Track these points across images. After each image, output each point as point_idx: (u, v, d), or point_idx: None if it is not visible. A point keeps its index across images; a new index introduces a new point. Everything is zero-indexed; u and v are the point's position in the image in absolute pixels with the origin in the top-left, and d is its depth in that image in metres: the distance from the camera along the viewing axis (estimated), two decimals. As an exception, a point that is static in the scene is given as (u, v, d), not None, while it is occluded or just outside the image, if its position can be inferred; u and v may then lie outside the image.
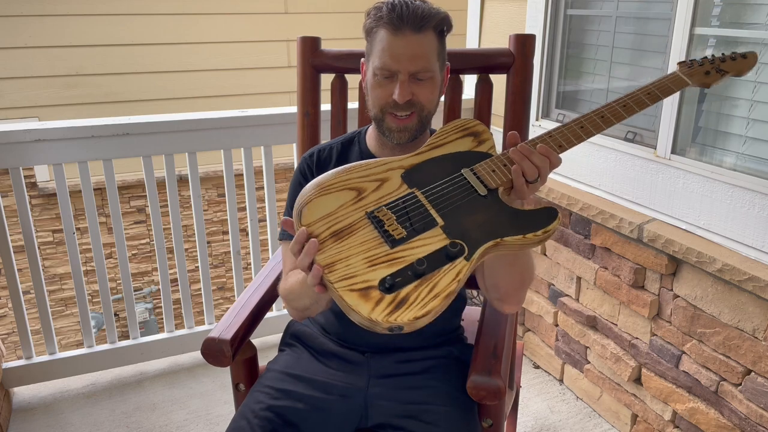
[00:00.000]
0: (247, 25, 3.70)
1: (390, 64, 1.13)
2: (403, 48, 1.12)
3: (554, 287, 2.23)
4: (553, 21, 2.18)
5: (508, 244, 0.98)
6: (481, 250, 0.96)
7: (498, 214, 1.00)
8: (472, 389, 1.11)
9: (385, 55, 1.13)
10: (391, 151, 1.27)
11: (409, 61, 1.13)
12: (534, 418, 2.09)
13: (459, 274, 0.92)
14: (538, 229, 0.98)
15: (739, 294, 1.58)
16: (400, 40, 1.12)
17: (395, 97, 1.14)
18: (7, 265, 2.05)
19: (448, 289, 0.91)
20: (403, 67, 1.13)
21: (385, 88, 1.16)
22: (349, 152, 1.32)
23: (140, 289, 3.95)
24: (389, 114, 1.18)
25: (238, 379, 1.35)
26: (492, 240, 0.97)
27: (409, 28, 1.12)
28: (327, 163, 1.31)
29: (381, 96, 1.17)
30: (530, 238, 0.98)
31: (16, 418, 2.08)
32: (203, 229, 2.28)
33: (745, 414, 1.61)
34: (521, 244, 0.98)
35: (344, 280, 0.92)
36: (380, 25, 1.14)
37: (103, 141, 2.02)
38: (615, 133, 2.00)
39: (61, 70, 3.40)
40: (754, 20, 1.60)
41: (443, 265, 0.93)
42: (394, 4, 1.13)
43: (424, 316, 0.89)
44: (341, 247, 0.96)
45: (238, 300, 1.41)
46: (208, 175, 3.66)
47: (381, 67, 1.14)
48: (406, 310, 0.89)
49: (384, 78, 1.15)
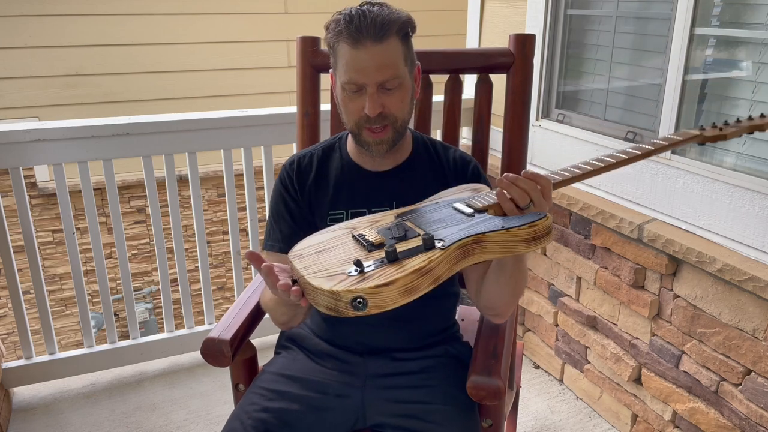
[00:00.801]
0: (247, 25, 3.70)
1: (356, 77, 1.11)
2: (367, 60, 1.09)
3: (554, 287, 2.22)
4: (553, 21, 2.18)
5: (491, 241, 0.94)
6: (459, 243, 0.92)
7: (483, 221, 0.98)
8: (472, 389, 1.11)
9: (350, 70, 1.11)
10: (371, 158, 1.26)
11: (375, 72, 1.10)
12: (534, 418, 2.09)
13: (432, 256, 0.89)
14: (523, 223, 0.94)
15: (739, 294, 1.58)
16: (363, 53, 1.09)
17: (366, 111, 1.13)
18: (7, 265, 2.05)
19: (417, 265, 0.87)
20: (369, 79, 1.10)
21: (355, 102, 1.14)
22: (329, 160, 1.30)
23: (140, 289, 3.94)
24: (365, 128, 1.17)
25: (238, 380, 1.35)
26: (472, 235, 0.93)
27: (369, 39, 1.08)
28: (307, 172, 1.29)
29: (353, 110, 1.16)
30: (513, 231, 0.93)
31: (16, 418, 2.08)
32: (203, 229, 2.28)
33: (745, 414, 1.61)
34: (505, 239, 0.94)
35: (316, 273, 0.91)
36: (340, 40, 1.11)
37: (103, 141, 2.02)
38: (615, 133, 2.00)
39: (61, 70, 3.39)
40: (754, 20, 1.60)
41: (418, 254, 0.91)
42: (351, 15, 1.10)
43: (387, 285, 0.84)
44: (321, 257, 0.96)
45: (237, 300, 1.41)
46: (208, 175, 3.66)
47: (347, 81, 1.12)
48: (369, 280, 0.85)
49: (352, 92, 1.13)
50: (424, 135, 1.36)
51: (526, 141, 1.56)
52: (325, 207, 1.26)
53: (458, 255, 0.92)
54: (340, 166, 1.29)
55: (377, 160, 1.26)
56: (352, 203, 1.25)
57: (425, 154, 1.30)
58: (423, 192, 1.19)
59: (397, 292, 0.85)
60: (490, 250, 0.95)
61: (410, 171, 1.27)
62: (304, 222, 1.27)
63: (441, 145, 1.34)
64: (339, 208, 1.26)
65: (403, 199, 1.22)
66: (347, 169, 1.28)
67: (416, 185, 1.25)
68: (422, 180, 1.27)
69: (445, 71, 1.59)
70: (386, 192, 1.25)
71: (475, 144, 1.60)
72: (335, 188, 1.27)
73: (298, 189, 1.28)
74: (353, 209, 1.25)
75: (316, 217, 1.27)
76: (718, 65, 1.72)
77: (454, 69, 1.59)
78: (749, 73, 1.64)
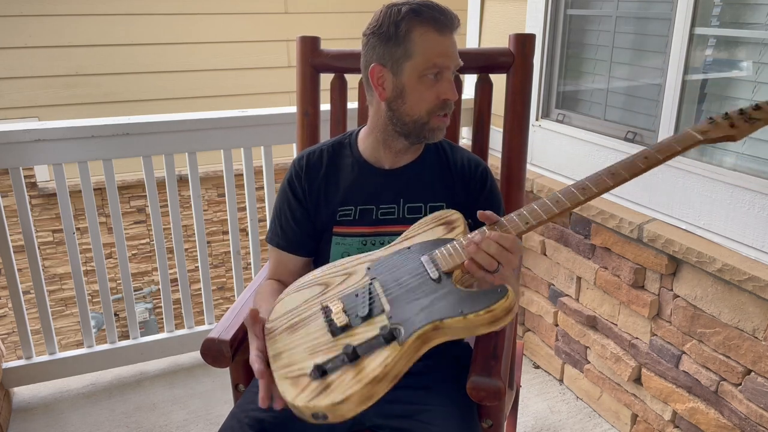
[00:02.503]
0: (247, 25, 3.69)
1: (442, 61, 1.15)
2: (451, 46, 1.16)
3: (554, 287, 2.23)
4: (553, 21, 2.18)
5: (449, 327, 0.93)
6: (417, 334, 0.92)
7: (445, 296, 0.96)
8: (472, 390, 1.11)
9: (435, 55, 1.15)
10: (393, 154, 1.27)
11: (456, 57, 1.17)
12: (534, 418, 2.09)
13: (387, 358, 0.90)
14: (480, 309, 0.91)
15: (739, 294, 1.58)
16: (447, 39, 1.16)
17: (448, 96, 1.16)
18: (7, 265, 2.05)
19: (372, 374, 0.88)
20: (453, 63, 1.17)
21: (431, 89, 1.17)
22: (340, 158, 1.31)
23: (140, 289, 3.94)
24: (435, 116, 1.19)
25: (238, 380, 1.35)
26: (430, 323, 0.92)
27: (450, 30, 1.16)
28: (317, 168, 1.30)
29: (428, 98, 1.17)
30: (471, 319, 0.91)
31: (16, 418, 2.08)
32: (203, 229, 2.28)
33: (745, 414, 1.60)
34: (464, 326, 0.92)
35: (283, 369, 0.95)
36: (420, 25, 1.14)
37: (103, 141, 2.02)
38: (615, 133, 2.00)
39: (61, 70, 3.39)
40: (754, 20, 1.60)
41: (376, 350, 0.92)
42: (426, 4, 1.16)
43: (343, 402, 0.86)
44: (292, 338, 0.99)
45: (237, 300, 1.41)
46: (208, 175, 3.66)
47: (432, 66, 1.15)
48: (326, 395, 0.88)
49: (432, 78, 1.16)
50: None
51: (526, 141, 1.56)
52: (335, 203, 1.28)
53: (417, 345, 0.93)
54: (351, 163, 1.30)
55: (398, 156, 1.28)
56: (361, 200, 1.27)
57: (435, 153, 1.32)
58: (429, 191, 1.21)
59: (354, 404, 0.88)
60: (449, 334, 0.95)
61: (419, 170, 1.29)
62: (306, 223, 1.29)
63: (450, 146, 1.35)
64: (348, 204, 1.28)
65: (410, 197, 1.25)
66: (357, 166, 1.29)
67: (423, 184, 1.28)
68: (429, 179, 1.29)
69: (445, 71, 1.59)
70: (393, 190, 1.27)
71: (475, 144, 1.60)
72: (345, 185, 1.29)
73: (307, 187, 1.29)
74: (362, 206, 1.27)
75: (323, 213, 1.28)
76: (718, 65, 1.72)
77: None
78: (749, 73, 1.64)
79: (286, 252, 1.32)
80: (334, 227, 1.27)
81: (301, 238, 1.30)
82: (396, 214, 1.26)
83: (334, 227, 1.27)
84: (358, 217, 1.27)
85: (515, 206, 1.58)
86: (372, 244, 1.25)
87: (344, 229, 1.27)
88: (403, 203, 1.26)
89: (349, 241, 1.26)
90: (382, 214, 1.26)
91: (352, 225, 1.27)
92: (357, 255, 1.14)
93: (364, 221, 1.26)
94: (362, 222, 1.26)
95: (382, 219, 1.26)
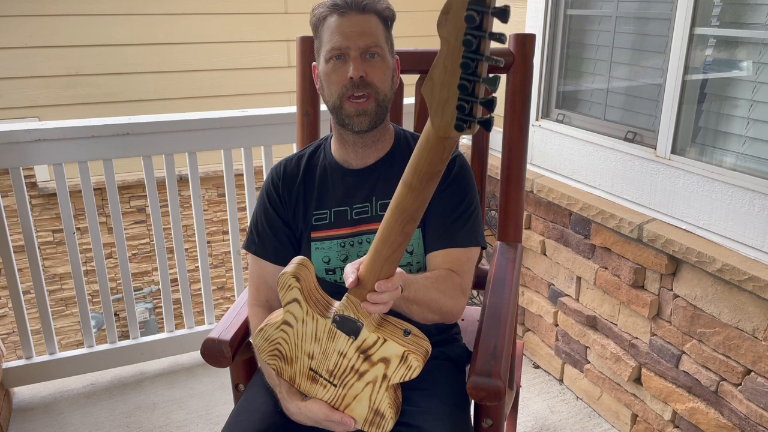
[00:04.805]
0: (247, 25, 3.69)
1: (340, 42, 1.16)
2: (351, 27, 1.16)
3: (554, 287, 2.23)
4: (553, 21, 2.18)
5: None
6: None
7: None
8: (472, 390, 1.11)
9: (335, 37, 1.17)
10: (353, 151, 1.26)
11: (358, 37, 1.16)
12: (534, 418, 2.09)
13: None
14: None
15: (739, 294, 1.58)
16: (347, 20, 1.17)
17: (350, 74, 1.16)
18: (7, 265, 2.05)
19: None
20: (353, 43, 1.16)
21: (338, 72, 1.17)
22: (315, 163, 1.32)
23: (140, 289, 3.94)
24: (347, 99, 1.18)
25: (238, 380, 1.35)
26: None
27: (353, 11, 1.17)
28: (294, 175, 1.30)
29: (335, 81, 1.18)
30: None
31: (16, 418, 2.08)
32: (203, 229, 2.28)
33: (744, 414, 1.60)
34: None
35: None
36: (325, 15, 1.19)
37: (103, 141, 2.02)
38: (615, 133, 2.00)
39: (61, 70, 3.39)
40: (754, 20, 1.60)
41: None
42: None
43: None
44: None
45: (237, 300, 1.41)
46: (208, 175, 3.66)
47: (332, 48, 1.17)
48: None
49: (336, 60, 1.17)
50: (408, 130, 1.36)
51: (526, 141, 1.56)
52: (311, 208, 1.28)
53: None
54: (323, 166, 1.31)
55: (359, 153, 1.26)
56: (335, 203, 1.28)
57: (406, 148, 1.30)
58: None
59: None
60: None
61: (389, 167, 1.28)
62: (283, 231, 1.29)
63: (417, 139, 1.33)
64: (323, 208, 1.28)
65: (381, 194, 1.25)
66: (329, 168, 1.30)
67: (393, 181, 1.24)
68: (398, 174, 1.26)
69: (445, 71, 1.59)
70: (365, 189, 1.27)
71: (475, 144, 1.60)
72: (319, 188, 1.29)
73: (285, 195, 1.29)
74: (336, 208, 1.27)
75: (300, 220, 1.28)
76: (718, 65, 1.72)
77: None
78: (749, 73, 1.64)
79: (262, 260, 1.29)
80: (311, 232, 1.27)
81: (277, 246, 1.29)
82: (370, 212, 1.26)
83: (311, 232, 1.27)
84: (334, 219, 1.27)
85: (515, 206, 1.58)
86: (351, 245, 1.26)
87: (322, 234, 1.27)
88: (375, 201, 1.26)
89: (327, 244, 1.26)
90: (356, 214, 1.27)
91: (328, 228, 1.27)
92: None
93: (340, 223, 1.27)
94: (338, 224, 1.27)
95: (357, 219, 1.26)
